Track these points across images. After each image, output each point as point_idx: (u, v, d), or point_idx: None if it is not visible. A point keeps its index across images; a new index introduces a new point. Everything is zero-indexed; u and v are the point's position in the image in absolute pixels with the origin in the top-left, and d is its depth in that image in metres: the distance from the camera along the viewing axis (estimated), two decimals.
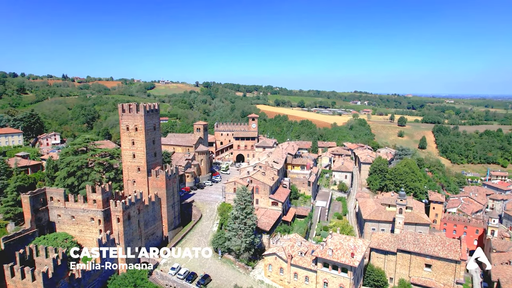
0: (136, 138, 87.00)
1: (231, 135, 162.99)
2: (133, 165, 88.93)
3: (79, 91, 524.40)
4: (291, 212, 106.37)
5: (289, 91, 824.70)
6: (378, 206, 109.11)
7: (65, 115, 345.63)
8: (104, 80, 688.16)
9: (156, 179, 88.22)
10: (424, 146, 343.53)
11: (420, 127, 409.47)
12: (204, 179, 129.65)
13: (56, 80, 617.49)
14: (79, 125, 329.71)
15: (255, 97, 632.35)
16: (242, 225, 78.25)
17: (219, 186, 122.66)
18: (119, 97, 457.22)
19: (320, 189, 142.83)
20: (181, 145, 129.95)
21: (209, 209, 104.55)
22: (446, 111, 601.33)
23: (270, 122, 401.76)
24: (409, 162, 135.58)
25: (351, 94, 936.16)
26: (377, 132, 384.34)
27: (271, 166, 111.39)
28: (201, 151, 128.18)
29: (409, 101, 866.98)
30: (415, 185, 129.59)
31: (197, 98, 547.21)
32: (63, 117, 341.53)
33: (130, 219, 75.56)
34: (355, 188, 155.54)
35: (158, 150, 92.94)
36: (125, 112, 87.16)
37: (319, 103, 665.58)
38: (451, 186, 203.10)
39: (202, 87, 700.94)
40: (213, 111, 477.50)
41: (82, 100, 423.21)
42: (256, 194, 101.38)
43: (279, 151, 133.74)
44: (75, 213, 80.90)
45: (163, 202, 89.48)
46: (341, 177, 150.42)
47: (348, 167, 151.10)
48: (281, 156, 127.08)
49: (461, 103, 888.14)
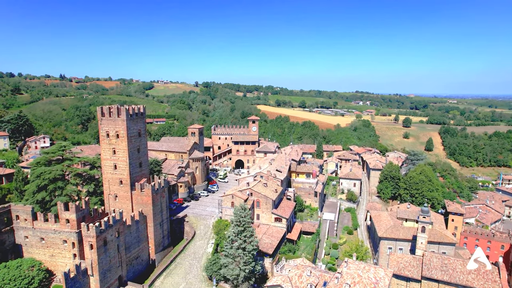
0: (118, 146, 74.84)
1: (229, 139, 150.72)
2: (114, 178, 76.78)
3: (76, 91, 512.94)
4: (297, 229, 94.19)
5: (290, 91, 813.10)
6: (394, 221, 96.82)
7: (59, 116, 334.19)
8: (103, 80, 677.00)
9: (141, 193, 76.05)
10: (430, 148, 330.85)
11: (426, 128, 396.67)
12: (200, 188, 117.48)
13: (54, 80, 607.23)
14: (73, 127, 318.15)
15: (255, 97, 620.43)
16: (241, 251, 66.02)
17: (215, 197, 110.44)
18: (116, 98, 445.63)
19: (327, 199, 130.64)
20: (174, 151, 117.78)
21: (204, 225, 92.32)
22: (450, 112, 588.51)
23: (271, 123, 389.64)
24: (425, 170, 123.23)
25: (352, 94, 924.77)
26: (381, 133, 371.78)
27: (274, 176, 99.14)
28: (196, 158, 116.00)
29: (411, 101, 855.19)
30: (432, 195, 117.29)
31: (196, 98, 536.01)
32: (57, 118, 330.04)
33: (107, 244, 63.39)
34: (364, 197, 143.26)
35: (144, 159, 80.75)
36: (105, 116, 75.00)
37: (320, 104, 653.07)
38: (464, 192, 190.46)
39: (202, 87, 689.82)
40: (212, 112, 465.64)
41: (77, 101, 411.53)
42: (257, 209, 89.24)
43: (282, 158, 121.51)
44: (45, 234, 68.83)
45: (149, 221, 77.32)
46: (349, 185, 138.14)
47: (357, 174, 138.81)
48: (284, 163, 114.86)
49: (464, 103, 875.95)
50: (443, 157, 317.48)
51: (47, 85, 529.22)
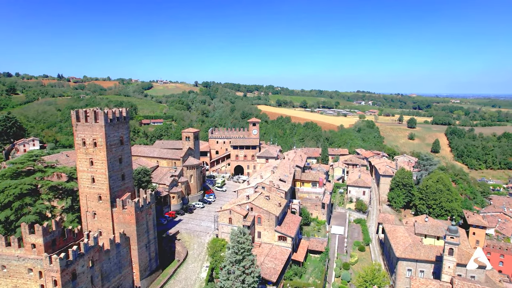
0: (95, 156, 63.96)
1: (228, 143, 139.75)
2: (92, 193, 65.91)
3: (73, 91, 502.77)
4: (303, 247, 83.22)
5: (291, 91, 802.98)
6: (413, 238, 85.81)
7: (54, 117, 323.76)
8: (101, 80, 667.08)
9: (122, 211, 65.17)
10: (437, 150, 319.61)
11: (432, 129, 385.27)
12: (195, 199, 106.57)
13: (51, 80, 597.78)
14: (68, 128, 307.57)
15: (256, 97, 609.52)
16: (239, 283, 55.09)
17: (212, 209, 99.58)
18: (114, 98, 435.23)
19: (335, 209, 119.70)
20: (166, 157, 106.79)
21: (198, 244, 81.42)
22: (455, 112, 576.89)
23: (272, 124, 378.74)
24: (443, 178, 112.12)
25: (354, 94, 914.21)
26: (386, 134, 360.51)
27: (277, 187, 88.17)
28: (190, 165, 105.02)
29: (414, 101, 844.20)
30: (451, 206, 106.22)
31: (196, 98, 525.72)
32: (52, 119, 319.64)
33: (77, 278, 52.49)
34: (374, 206, 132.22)
35: (127, 171, 69.84)
36: (80, 122, 64.13)
37: (322, 103, 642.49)
38: (478, 198, 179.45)
39: (202, 87, 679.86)
40: (212, 112, 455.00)
41: (74, 101, 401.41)
42: (258, 226, 78.31)
43: (285, 164, 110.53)
44: (7, 261, 57.84)
45: (133, 242, 66.43)
46: (358, 193, 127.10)
47: (366, 182, 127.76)
48: (288, 171, 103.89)
49: (467, 102, 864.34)
50: (450, 159, 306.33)
51: (44, 85, 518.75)
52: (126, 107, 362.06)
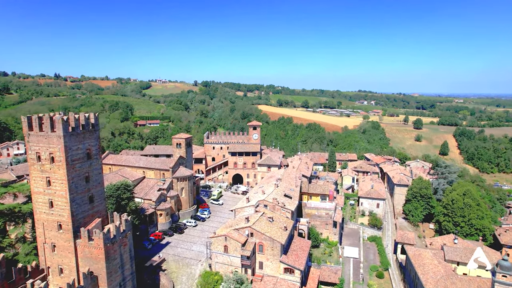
0: (54, 174, 50.30)
1: (225, 149, 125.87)
2: (50, 220, 52.27)
3: (70, 90, 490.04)
4: (313, 278, 69.37)
5: (292, 91, 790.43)
6: (444, 267, 71.95)
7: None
8: (99, 80, 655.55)
9: (88, 244, 51.45)
10: (446, 152, 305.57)
11: (439, 130, 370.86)
12: (186, 215, 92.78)
13: (48, 79, 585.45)
14: None
15: (256, 97, 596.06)
16: None
17: (206, 228, 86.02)
18: (110, 98, 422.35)
19: (346, 225, 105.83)
20: (154, 168, 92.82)
21: (187, 275, 67.68)
22: (460, 112, 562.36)
23: (273, 125, 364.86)
24: (471, 190, 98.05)
25: (356, 94, 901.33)
26: (391, 136, 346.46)
27: (282, 205, 74.39)
28: (181, 177, 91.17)
29: (417, 100, 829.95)
30: (482, 223, 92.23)
31: (195, 98, 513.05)
32: None
33: None
34: (389, 219, 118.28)
35: (97, 191, 56.06)
36: (33, 131, 50.44)
37: (324, 103, 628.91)
38: (497, 206, 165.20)
39: (201, 86, 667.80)
40: (211, 112, 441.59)
41: (68, 101, 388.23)
42: (259, 254, 64.52)
43: (290, 175, 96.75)
44: None
45: (102, 283, 52.66)
46: (371, 206, 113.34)
47: (380, 192, 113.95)
48: (294, 184, 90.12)
49: (470, 102, 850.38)
50: (460, 162, 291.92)
51: (40, 84, 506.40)
52: (120, 107, 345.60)
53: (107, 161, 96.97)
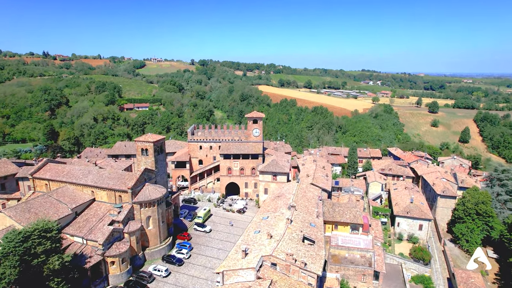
0: None
1: (216, 149, 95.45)
2: None
3: (57, 70, 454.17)
4: None
5: (294, 70, 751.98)
6: None
7: (24, 101, 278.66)
8: (91, 58, 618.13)
9: None
10: (466, 139, 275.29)
11: (456, 114, 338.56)
12: (156, 255, 63.59)
13: (36, 58, 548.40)
14: (39, 113, 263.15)
15: (256, 77, 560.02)
16: None
17: (183, 280, 57.10)
18: (100, 78, 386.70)
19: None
20: (106, 187, 62.62)
21: None
22: (473, 93, 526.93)
23: (275, 108, 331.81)
24: None
25: (360, 73, 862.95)
26: (405, 120, 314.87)
27: (302, 265, 44.82)
28: (146, 202, 61.32)
29: (424, 80, 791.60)
30: None
31: (191, 78, 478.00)
32: (21, 103, 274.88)
33: None
34: (433, 244, 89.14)
35: None
36: None
37: (328, 84, 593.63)
38: None
39: (198, 65, 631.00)
40: (208, 93, 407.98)
41: (52, 81, 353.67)
42: None
43: (307, 195, 66.91)
44: None
45: None
46: (412, 227, 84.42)
47: (423, 209, 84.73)
48: (315, 213, 60.45)
49: (479, 82, 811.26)
50: (483, 151, 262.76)
51: (27, 63, 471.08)
52: (107, 89, 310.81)
53: (43, 174, 66.74)
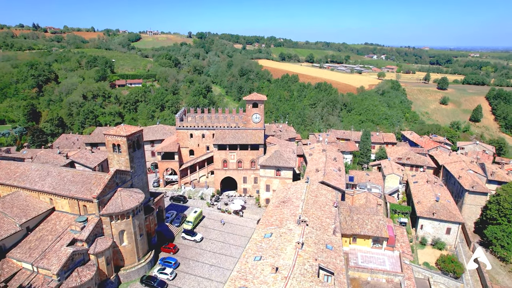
0: None
1: (210, 137, 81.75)
2: None
3: (47, 43, 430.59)
4: None
5: (295, 43, 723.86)
6: None
7: (9, 76, 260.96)
8: (84, 31, 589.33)
9: None
10: (478, 118, 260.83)
11: (466, 90, 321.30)
12: (133, 276, 51.49)
13: (26, 30, 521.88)
14: (25, 90, 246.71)
15: (256, 50, 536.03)
16: None
17: None
18: (92, 51, 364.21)
19: None
20: (67, 195, 49.54)
21: None
22: (483, 68, 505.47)
23: (276, 84, 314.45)
24: None
25: (363, 47, 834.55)
26: (413, 98, 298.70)
27: None
28: (120, 213, 48.43)
29: (429, 55, 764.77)
30: None
31: (188, 51, 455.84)
32: (6, 78, 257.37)
33: None
34: (461, 249, 77.39)
35: None
36: None
37: (330, 58, 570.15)
38: None
39: (196, 38, 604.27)
40: (206, 68, 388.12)
41: (40, 56, 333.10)
42: None
43: (319, 199, 54.01)
44: None
45: None
46: (438, 231, 72.32)
47: (451, 210, 72.29)
48: (331, 227, 47.71)
49: (487, 56, 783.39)
50: (495, 131, 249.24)
51: (16, 36, 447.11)
52: (98, 64, 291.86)
53: None
